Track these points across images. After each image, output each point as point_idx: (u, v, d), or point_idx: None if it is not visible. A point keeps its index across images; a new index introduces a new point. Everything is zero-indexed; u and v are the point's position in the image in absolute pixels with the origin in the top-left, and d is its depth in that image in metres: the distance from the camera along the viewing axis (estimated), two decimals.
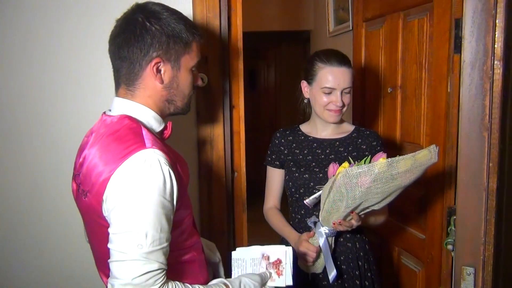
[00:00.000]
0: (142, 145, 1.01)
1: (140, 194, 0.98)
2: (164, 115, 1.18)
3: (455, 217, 0.84)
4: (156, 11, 1.12)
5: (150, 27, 1.08)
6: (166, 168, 1.01)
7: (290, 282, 1.26)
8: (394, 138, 2.00)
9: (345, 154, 1.65)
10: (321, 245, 1.53)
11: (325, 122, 1.68)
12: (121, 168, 0.99)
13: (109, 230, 1.00)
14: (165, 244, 1.01)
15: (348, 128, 1.73)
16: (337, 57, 1.62)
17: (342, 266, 1.63)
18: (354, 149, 1.66)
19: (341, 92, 1.60)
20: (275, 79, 6.13)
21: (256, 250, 1.29)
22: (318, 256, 1.56)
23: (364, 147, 1.66)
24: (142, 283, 0.95)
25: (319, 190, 1.55)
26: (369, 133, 1.69)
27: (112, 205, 1.00)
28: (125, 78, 1.13)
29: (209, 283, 1.15)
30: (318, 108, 1.65)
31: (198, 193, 1.63)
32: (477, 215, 0.80)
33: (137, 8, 1.14)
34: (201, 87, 1.30)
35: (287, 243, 1.63)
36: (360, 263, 1.64)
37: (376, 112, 2.15)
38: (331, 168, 1.48)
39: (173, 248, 1.05)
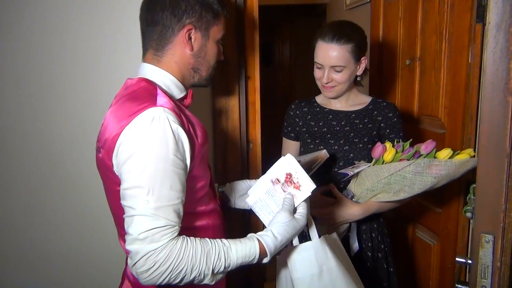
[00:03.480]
0: (153, 104, 1.02)
1: (147, 149, 0.98)
2: (187, 84, 1.20)
3: (474, 185, 0.83)
4: None
5: None
6: (176, 126, 1.01)
7: (312, 186, 1.16)
8: (411, 111, 1.97)
9: (361, 126, 1.64)
10: None
11: None
12: (130, 125, 1.00)
13: (121, 186, 1.01)
14: (176, 202, 1.00)
15: (364, 100, 1.70)
16: (331, 32, 1.53)
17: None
18: (369, 121, 1.64)
19: (330, 69, 1.56)
20: (290, 54, 6.06)
21: (264, 182, 1.20)
22: (341, 231, 1.58)
23: (380, 118, 1.64)
24: (148, 237, 0.95)
25: (354, 166, 1.54)
26: (385, 105, 1.66)
27: (122, 161, 1.00)
28: (155, 44, 1.15)
29: (244, 238, 1.09)
30: (316, 81, 1.64)
31: (214, 163, 1.64)
32: (498, 182, 0.78)
33: None
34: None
35: None
36: (373, 235, 1.64)
37: (393, 84, 2.12)
38: (380, 148, 1.48)
39: (185, 211, 1.04)
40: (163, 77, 1.15)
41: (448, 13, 1.68)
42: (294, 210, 1.16)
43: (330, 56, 1.53)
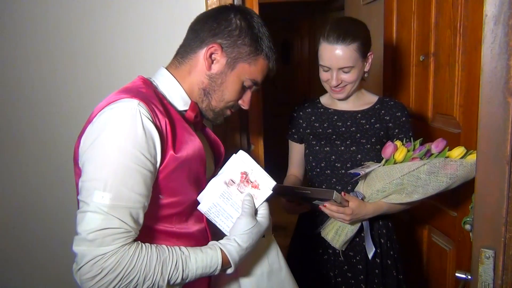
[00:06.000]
0: (131, 97, 0.96)
1: (110, 141, 0.90)
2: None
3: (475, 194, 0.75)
4: (249, 13, 1.13)
5: (233, 18, 1.09)
6: (148, 122, 0.93)
7: (272, 182, 1.06)
8: (426, 109, 1.88)
9: (367, 126, 1.56)
10: (363, 222, 1.50)
11: None
12: (101, 113, 0.95)
13: (80, 178, 0.93)
14: (136, 205, 0.90)
15: (371, 99, 1.62)
16: (335, 33, 1.45)
17: (363, 243, 1.56)
18: (376, 120, 1.57)
19: (338, 71, 1.48)
20: (309, 51, 5.95)
21: (216, 185, 1.06)
22: (351, 235, 1.50)
23: (388, 118, 1.56)
24: (97, 239, 0.85)
25: (364, 166, 1.48)
26: (393, 104, 1.59)
27: (85, 149, 0.94)
28: (182, 49, 1.13)
29: (205, 246, 1.01)
30: (322, 83, 1.57)
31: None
32: (499, 191, 0.70)
33: (238, 5, 1.18)
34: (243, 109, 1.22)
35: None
36: (382, 241, 1.57)
37: (407, 82, 2.03)
38: (391, 147, 1.42)
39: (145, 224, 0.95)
40: (170, 85, 1.10)
41: (462, 6, 1.59)
42: (255, 212, 1.06)
43: (337, 58, 1.46)
